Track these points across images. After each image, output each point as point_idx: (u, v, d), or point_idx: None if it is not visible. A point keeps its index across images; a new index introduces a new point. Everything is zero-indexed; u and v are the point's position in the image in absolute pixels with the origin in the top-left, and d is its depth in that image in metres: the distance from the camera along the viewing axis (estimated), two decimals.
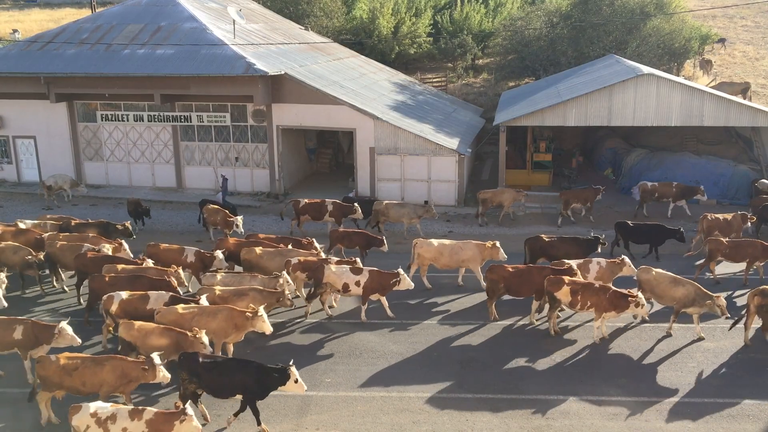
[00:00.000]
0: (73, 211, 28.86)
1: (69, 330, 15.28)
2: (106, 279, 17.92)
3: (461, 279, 21.61)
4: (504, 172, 31.14)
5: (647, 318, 18.34)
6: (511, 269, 18.89)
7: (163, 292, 17.12)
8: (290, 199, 27.56)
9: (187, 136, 32.59)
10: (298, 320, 19.16)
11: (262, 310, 15.83)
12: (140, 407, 12.57)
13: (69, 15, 60.11)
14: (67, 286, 21.32)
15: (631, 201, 30.41)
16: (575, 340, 17.97)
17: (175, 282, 18.16)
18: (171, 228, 27.15)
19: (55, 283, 21.33)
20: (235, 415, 14.11)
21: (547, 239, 21.62)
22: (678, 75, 40.43)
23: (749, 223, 24.07)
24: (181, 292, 17.99)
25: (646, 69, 30.25)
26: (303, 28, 44.35)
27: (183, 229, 27.35)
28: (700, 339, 17.76)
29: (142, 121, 32.52)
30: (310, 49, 38.71)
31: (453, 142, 30.66)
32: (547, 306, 18.46)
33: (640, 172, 31.55)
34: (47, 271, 21.38)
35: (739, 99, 30.75)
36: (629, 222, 23.95)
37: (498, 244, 21.03)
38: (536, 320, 18.88)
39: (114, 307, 16.62)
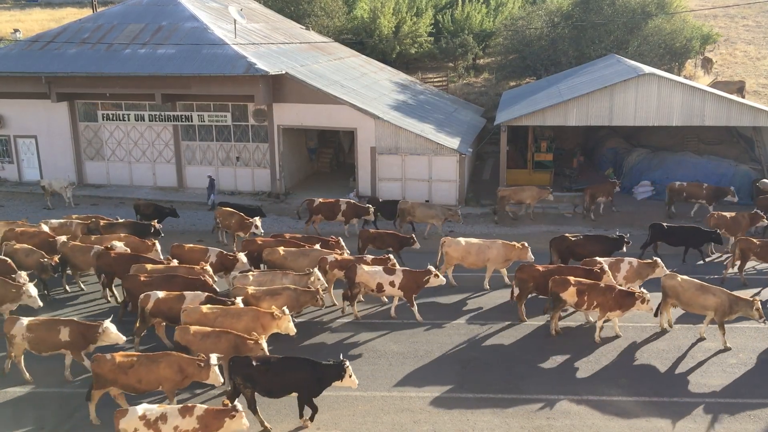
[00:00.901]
0: (74, 211, 28.87)
1: (113, 329, 15.34)
2: (141, 279, 17.91)
3: (487, 282, 21.46)
4: (505, 171, 31.12)
5: (653, 309, 18.09)
6: (542, 269, 18.89)
7: (199, 292, 17.18)
8: (304, 199, 27.43)
9: (188, 135, 32.59)
10: (299, 320, 19.15)
11: (287, 311, 15.86)
12: (189, 404, 12.65)
13: (70, 15, 60.10)
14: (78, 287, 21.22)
15: (633, 201, 30.45)
16: (576, 340, 17.96)
17: (210, 281, 18.19)
18: (172, 228, 27.07)
19: (66, 287, 21.16)
20: (311, 418, 14.15)
21: (573, 238, 21.54)
22: (679, 75, 40.40)
23: (764, 221, 23.97)
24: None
25: (647, 69, 30.23)
26: (304, 27, 44.34)
27: (183, 229, 27.34)
28: (702, 339, 17.74)
29: (143, 120, 32.53)
30: (311, 48, 38.71)
31: (454, 142, 30.65)
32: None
33: (641, 172, 31.56)
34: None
35: (739, 99, 30.72)
36: (664, 224, 23.56)
37: (527, 244, 21.02)
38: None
39: (149, 306, 16.69)
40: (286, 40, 38.01)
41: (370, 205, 26.39)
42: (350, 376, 13.83)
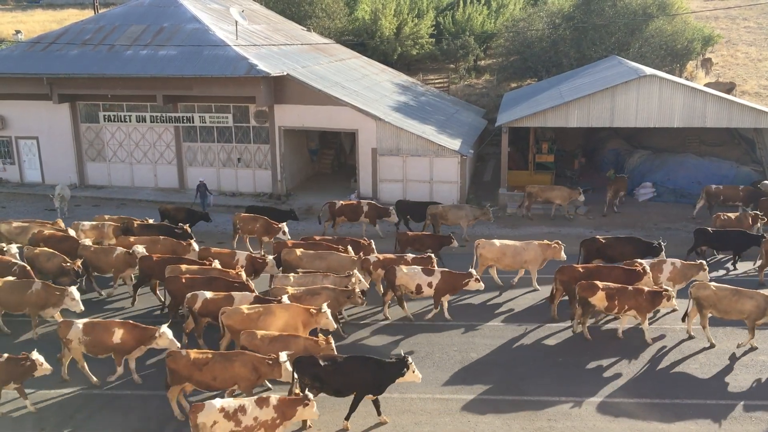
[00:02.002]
0: (76, 212, 28.93)
1: (170, 334, 15.39)
2: (183, 281, 17.91)
3: (517, 279, 21.57)
4: (506, 173, 31.10)
5: (676, 307, 18.10)
6: (582, 270, 18.84)
7: (247, 292, 17.27)
8: (326, 202, 27.40)
9: (190, 137, 32.61)
10: None
11: (326, 308, 15.90)
12: (264, 395, 12.90)
13: (72, 16, 60.16)
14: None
15: (634, 202, 30.42)
16: (577, 342, 17.95)
17: (252, 284, 18.26)
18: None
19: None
20: (379, 414, 14.31)
21: (603, 240, 21.47)
22: (680, 76, 40.38)
23: (759, 224, 23.97)
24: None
25: (648, 70, 30.20)
26: (305, 29, 44.37)
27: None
28: (712, 346, 17.57)
29: (145, 121, 32.55)
30: (312, 50, 38.73)
31: (455, 143, 30.65)
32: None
33: (642, 173, 31.53)
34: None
35: (741, 100, 30.68)
36: (709, 228, 23.37)
37: (560, 242, 21.10)
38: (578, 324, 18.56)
39: (197, 306, 16.77)
40: (288, 41, 38.03)
41: (392, 207, 26.40)
42: (413, 372, 13.99)
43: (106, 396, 15.21)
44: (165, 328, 15.40)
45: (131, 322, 15.84)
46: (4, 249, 20.91)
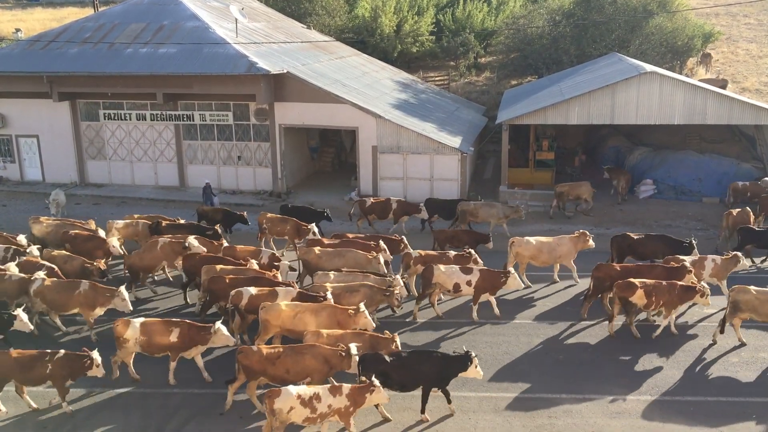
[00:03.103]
0: (76, 210, 28.92)
1: (225, 330, 15.40)
2: (227, 281, 17.88)
3: (557, 275, 21.59)
4: (507, 170, 31.11)
5: (710, 303, 17.93)
6: (620, 268, 18.78)
7: (291, 288, 17.33)
8: (356, 200, 27.34)
9: (190, 134, 32.60)
10: None
11: (363, 307, 15.92)
12: (336, 383, 13.27)
13: (72, 14, 60.12)
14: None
15: (635, 199, 30.42)
16: (577, 339, 17.95)
17: (295, 284, 18.24)
18: None
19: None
20: (423, 411, 14.38)
21: (635, 237, 21.39)
22: (681, 73, 40.35)
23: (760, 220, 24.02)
24: None
25: (648, 67, 30.19)
26: (305, 26, 44.34)
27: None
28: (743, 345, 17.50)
29: (145, 119, 32.54)
30: (312, 47, 38.71)
31: (455, 141, 30.64)
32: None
33: (643, 170, 31.53)
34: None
35: (741, 97, 30.65)
36: (755, 227, 23.23)
37: (587, 232, 21.21)
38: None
39: (243, 302, 16.80)
40: (288, 39, 38.01)
41: (422, 204, 26.37)
42: (476, 367, 14.15)
43: (107, 394, 15.20)
44: (220, 325, 15.42)
45: (187, 321, 15.88)
46: (27, 250, 20.77)
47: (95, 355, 14.54)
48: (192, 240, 20.31)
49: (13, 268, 18.97)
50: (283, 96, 30.90)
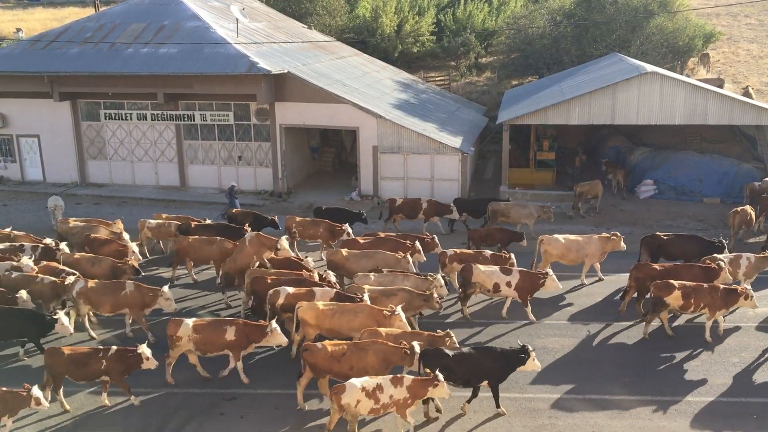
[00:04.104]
0: (77, 210, 28.91)
1: (278, 329, 15.45)
2: (268, 281, 17.87)
3: (584, 276, 21.53)
4: (507, 170, 31.11)
5: (756, 305, 17.74)
6: (659, 268, 18.70)
7: (328, 288, 17.33)
8: (386, 199, 27.33)
9: (191, 134, 32.61)
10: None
11: (399, 309, 15.93)
12: (398, 375, 13.37)
13: (72, 14, 60.15)
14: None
15: (635, 199, 30.41)
16: (578, 339, 17.94)
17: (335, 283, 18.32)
18: None
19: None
20: (498, 405, 14.58)
21: (665, 237, 21.30)
22: (682, 73, 40.34)
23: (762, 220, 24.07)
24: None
25: (649, 67, 30.18)
26: (306, 26, 44.35)
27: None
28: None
29: (146, 119, 32.55)
30: (313, 47, 38.71)
31: (456, 141, 30.64)
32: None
33: (643, 170, 31.51)
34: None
35: (742, 97, 30.65)
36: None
37: (619, 234, 21.14)
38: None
39: (280, 301, 16.84)
40: (288, 39, 38.01)
41: (452, 204, 26.35)
42: (533, 360, 14.33)
43: (108, 394, 15.20)
44: (275, 324, 15.46)
45: (242, 320, 15.91)
46: (60, 249, 20.68)
47: (143, 348, 14.70)
48: (283, 241, 19.69)
49: (25, 260, 18.96)
50: (284, 96, 30.90)
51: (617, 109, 28.73)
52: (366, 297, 16.78)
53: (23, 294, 17.22)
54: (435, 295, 17.34)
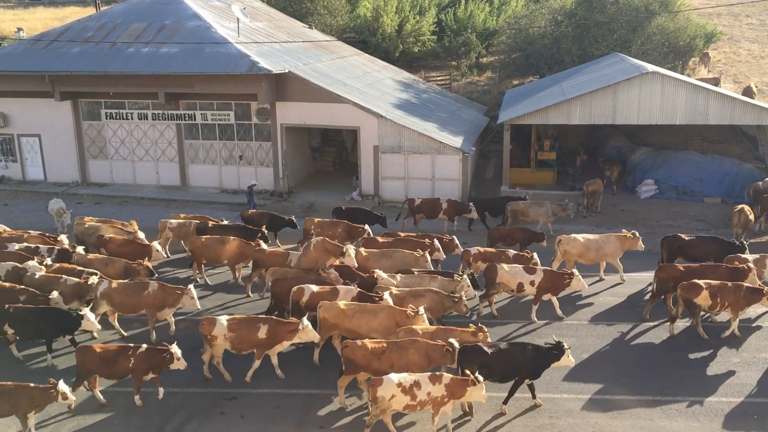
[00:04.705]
0: (78, 209, 28.90)
1: (310, 325, 15.50)
2: (291, 282, 17.83)
3: (603, 273, 21.58)
4: (508, 170, 31.11)
5: None
6: (683, 268, 18.67)
7: (351, 287, 17.38)
8: (406, 198, 27.28)
9: (191, 134, 32.62)
10: None
11: (422, 310, 15.94)
12: (437, 373, 13.47)
13: (73, 13, 60.17)
14: None
15: (636, 200, 30.39)
16: (579, 339, 17.93)
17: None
18: None
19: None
20: (535, 396, 14.80)
21: (686, 238, 21.25)
22: (683, 73, 40.32)
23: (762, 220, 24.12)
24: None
25: (650, 67, 30.17)
26: (307, 26, 44.34)
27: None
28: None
29: (147, 119, 32.56)
30: (313, 47, 38.71)
31: (457, 141, 30.63)
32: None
33: (644, 170, 31.50)
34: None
35: (743, 97, 30.64)
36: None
37: (638, 233, 21.12)
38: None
39: (304, 299, 16.90)
40: (289, 38, 38.01)
41: (472, 204, 26.33)
42: (568, 356, 14.49)
43: (108, 394, 15.21)
44: (307, 321, 15.50)
45: (274, 317, 15.96)
46: (76, 251, 20.63)
47: (175, 348, 14.79)
48: (350, 249, 19.39)
49: (31, 263, 18.88)
50: (285, 96, 30.90)
51: (618, 108, 28.73)
52: (387, 296, 16.78)
53: (55, 295, 17.28)
54: (464, 299, 17.25)
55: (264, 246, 21.17)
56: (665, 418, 14.51)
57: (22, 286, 17.76)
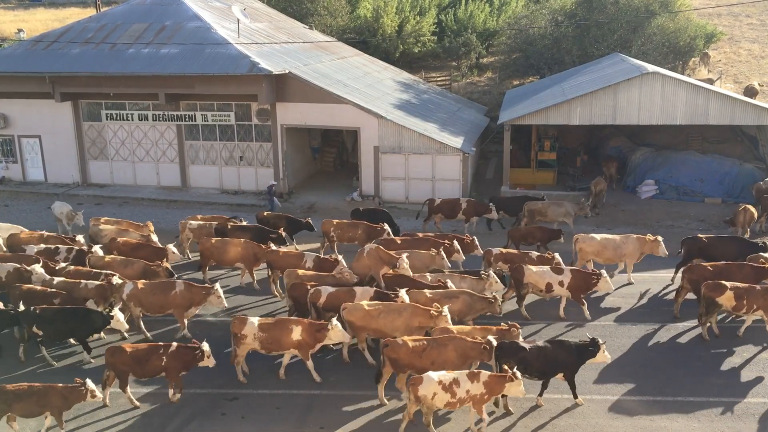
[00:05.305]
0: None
1: (340, 326, 15.54)
2: (308, 287, 17.69)
3: (617, 272, 21.55)
4: (508, 170, 31.11)
5: None
6: (711, 268, 18.63)
7: (368, 287, 17.45)
8: (426, 199, 27.26)
9: (192, 135, 32.63)
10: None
11: (446, 309, 15.95)
12: (475, 370, 13.64)
13: (74, 14, 60.17)
14: None
15: (636, 200, 30.39)
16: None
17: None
18: (175, 227, 27.11)
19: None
20: (576, 396, 14.91)
21: (706, 239, 21.20)
22: (683, 73, 40.31)
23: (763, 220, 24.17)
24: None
25: (650, 67, 30.17)
26: (307, 27, 44.34)
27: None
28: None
29: (147, 120, 32.57)
30: (314, 48, 38.72)
31: (457, 141, 30.64)
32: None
33: (645, 170, 31.50)
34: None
35: (743, 97, 30.63)
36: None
37: (660, 238, 20.99)
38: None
39: (321, 300, 16.93)
40: (290, 39, 38.02)
41: (492, 203, 26.34)
42: (603, 352, 14.72)
43: (109, 394, 15.20)
44: (336, 321, 15.55)
45: (306, 319, 15.99)
46: (92, 251, 20.57)
47: (205, 345, 14.86)
48: (405, 259, 18.66)
49: (36, 267, 18.85)
50: (285, 96, 30.91)
51: (618, 109, 28.73)
52: (403, 295, 16.75)
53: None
54: (498, 301, 17.18)
55: (274, 247, 21.13)
56: (666, 418, 14.51)
57: (54, 289, 17.74)
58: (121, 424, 14.51)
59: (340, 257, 20.07)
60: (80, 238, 22.15)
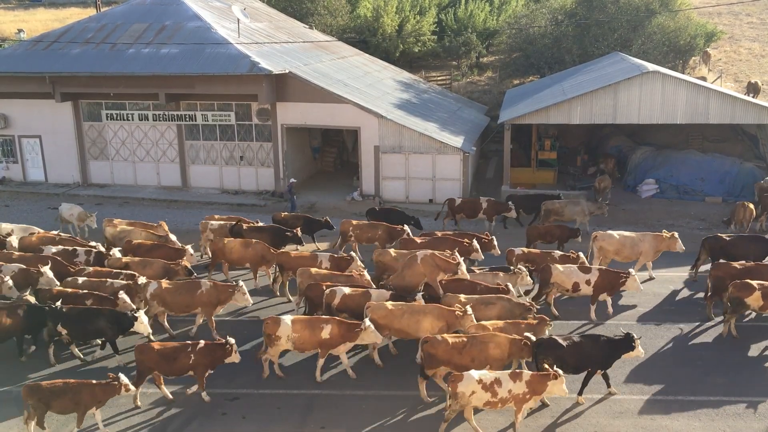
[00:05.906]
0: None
1: (372, 327, 15.54)
2: (324, 287, 17.71)
3: (637, 268, 21.21)
4: (509, 170, 31.10)
5: None
6: (739, 266, 18.60)
7: (383, 290, 17.44)
8: (446, 199, 27.21)
9: (192, 135, 32.63)
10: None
11: (470, 310, 15.94)
12: (518, 370, 13.69)
13: (74, 14, 60.18)
14: None
15: (637, 199, 30.38)
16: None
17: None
18: (176, 227, 27.13)
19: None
20: (609, 386, 15.12)
21: (727, 239, 21.13)
22: (683, 72, 40.29)
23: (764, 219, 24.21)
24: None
25: (651, 66, 30.16)
26: (307, 26, 44.34)
27: (188, 228, 27.33)
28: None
29: (147, 120, 32.58)
30: (314, 47, 38.71)
31: (457, 141, 30.63)
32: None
33: (645, 170, 31.49)
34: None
35: (744, 96, 30.63)
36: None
37: (676, 234, 20.98)
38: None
39: (336, 301, 16.95)
40: (290, 39, 38.02)
41: (511, 203, 26.37)
42: (638, 347, 14.81)
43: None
44: (369, 322, 15.54)
45: (337, 318, 15.97)
46: (111, 254, 20.56)
47: (231, 340, 14.92)
48: (463, 266, 18.32)
49: (45, 269, 18.68)
50: (285, 96, 30.91)
51: (619, 108, 28.72)
52: (419, 296, 16.75)
53: (123, 296, 17.29)
54: (534, 309, 16.85)
55: (286, 249, 21.15)
56: (667, 417, 14.50)
57: (86, 291, 17.72)
58: (121, 424, 14.51)
59: (354, 254, 20.07)
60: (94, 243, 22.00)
